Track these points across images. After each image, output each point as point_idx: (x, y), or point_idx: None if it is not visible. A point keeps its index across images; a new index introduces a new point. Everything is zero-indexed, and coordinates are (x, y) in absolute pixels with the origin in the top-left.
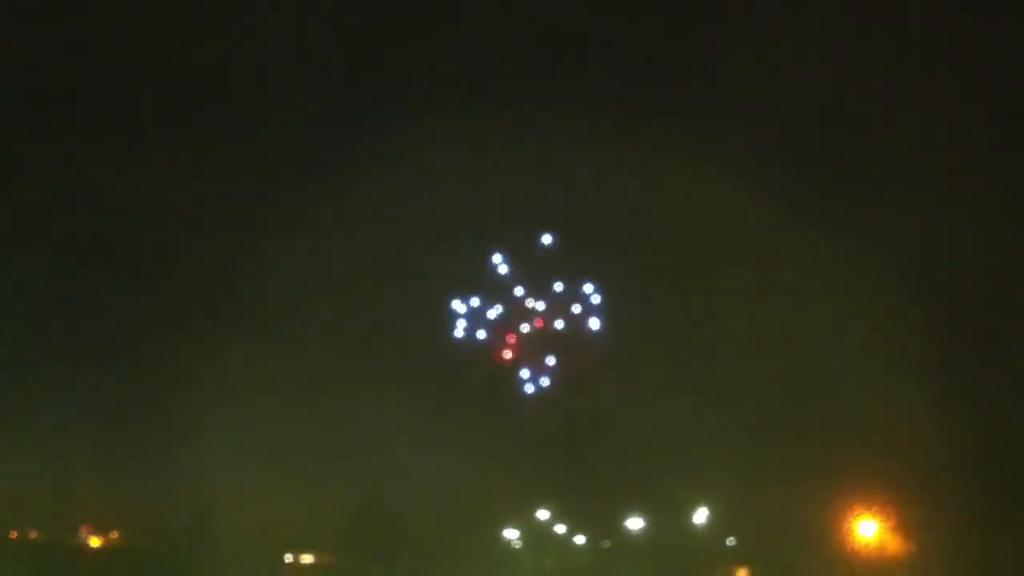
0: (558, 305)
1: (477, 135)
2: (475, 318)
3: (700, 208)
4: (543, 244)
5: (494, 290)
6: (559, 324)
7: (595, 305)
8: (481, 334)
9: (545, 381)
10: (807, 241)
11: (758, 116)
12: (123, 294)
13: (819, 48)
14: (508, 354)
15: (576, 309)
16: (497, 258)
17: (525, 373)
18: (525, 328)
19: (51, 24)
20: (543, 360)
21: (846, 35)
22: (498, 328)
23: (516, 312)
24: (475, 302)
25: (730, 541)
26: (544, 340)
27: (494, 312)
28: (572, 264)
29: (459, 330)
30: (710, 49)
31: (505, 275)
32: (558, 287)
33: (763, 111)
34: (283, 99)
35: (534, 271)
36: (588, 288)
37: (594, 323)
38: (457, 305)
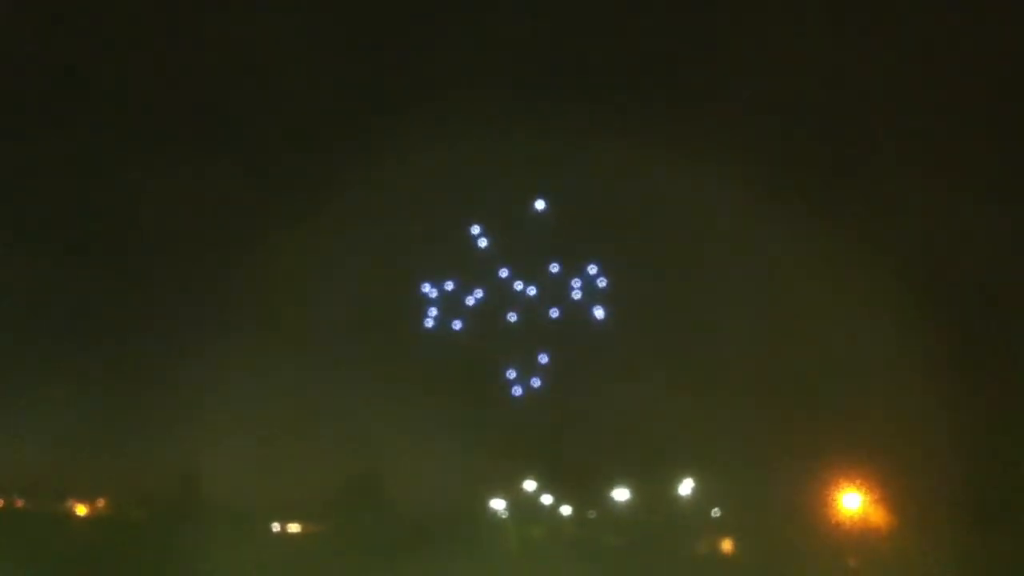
0: (554, 290)
1: (466, 112)
2: (451, 304)
3: (697, 191)
4: (536, 211)
5: (473, 271)
6: (554, 313)
7: (599, 289)
8: (457, 324)
9: (536, 382)
10: (802, 230)
11: (765, 102)
12: (112, 273)
13: (828, 35)
14: None
15: (576, 295)
16: (476, 230)
17: (512, 373)
18: (512, 318)
19: (50, 21)
20: (534, 357)
21: (850, 29)
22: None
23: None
24: (450, 286)
25: (715, 512)
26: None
27: (473, 298)
28: (570, 243)
29: (430, 319)
30: (716, 31)
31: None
32: (553, 268)
33: (770, 96)
34: (273, 91)
35: (523, 248)
36: (591, 270)
37: (597, 312)
38: (428, 290)
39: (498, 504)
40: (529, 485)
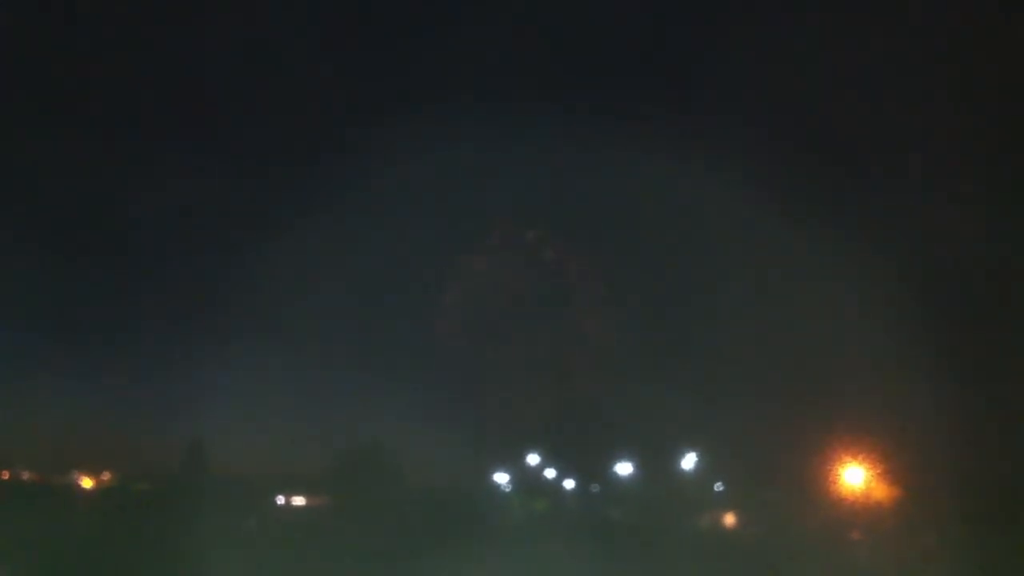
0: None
1: (466, 133)
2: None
3: (700, 183)
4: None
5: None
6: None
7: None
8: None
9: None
10: (810, 216)
11: (757, 111)
12: (120, 253)
13: (821, 45)
14: None
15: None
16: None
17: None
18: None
19: (51, 20)
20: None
21: (847, 33)
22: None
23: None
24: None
25: (718, 486)
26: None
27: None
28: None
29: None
30: (709, 45)
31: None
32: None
33: (762, 106)
34: (281, 96)
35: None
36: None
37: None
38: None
39: (502, 477)
40: (532, 458)
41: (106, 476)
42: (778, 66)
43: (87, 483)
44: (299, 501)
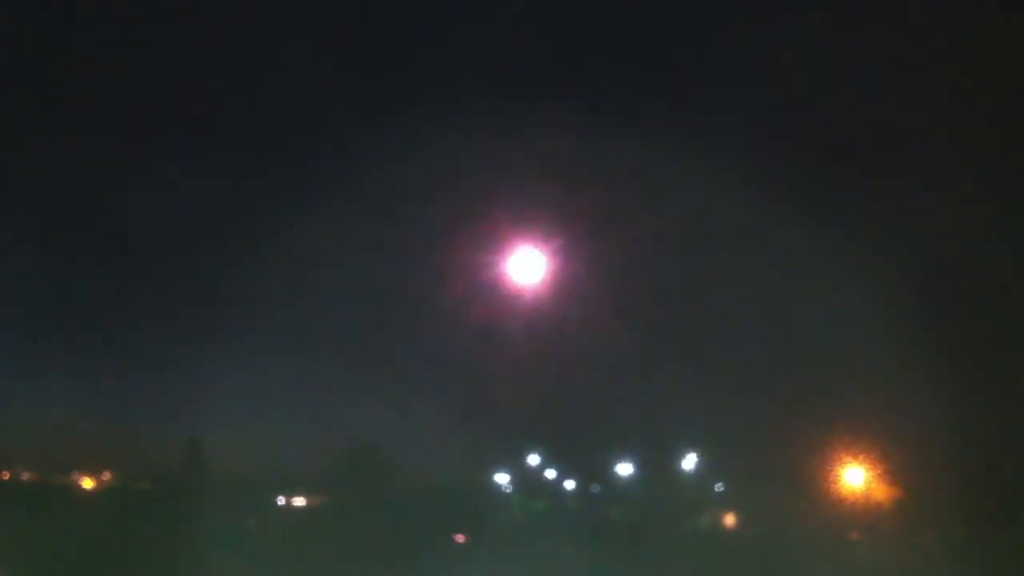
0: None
1: (466, 133)
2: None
3: (701, 184)
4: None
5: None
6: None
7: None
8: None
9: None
10: (811, 218)
11: (757, 111)
12: (119, 251)
13: (821, 45)
14: None
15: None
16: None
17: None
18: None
19: (51, 20)
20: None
21: (847, 33)
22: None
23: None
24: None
25: (718, 486)
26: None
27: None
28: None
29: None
30: (709, 45)
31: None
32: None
33: (762, 106)
34: (281, 96)
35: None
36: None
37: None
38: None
39: (502, 478)
40: (533, 459)
41: (106, 476)
42: (778, 66)
43: (87, 483)
44: (299, 501)
